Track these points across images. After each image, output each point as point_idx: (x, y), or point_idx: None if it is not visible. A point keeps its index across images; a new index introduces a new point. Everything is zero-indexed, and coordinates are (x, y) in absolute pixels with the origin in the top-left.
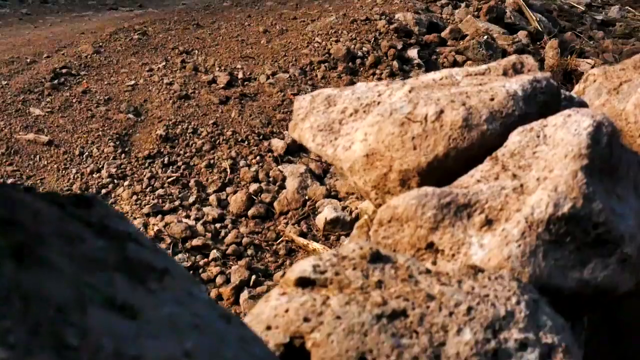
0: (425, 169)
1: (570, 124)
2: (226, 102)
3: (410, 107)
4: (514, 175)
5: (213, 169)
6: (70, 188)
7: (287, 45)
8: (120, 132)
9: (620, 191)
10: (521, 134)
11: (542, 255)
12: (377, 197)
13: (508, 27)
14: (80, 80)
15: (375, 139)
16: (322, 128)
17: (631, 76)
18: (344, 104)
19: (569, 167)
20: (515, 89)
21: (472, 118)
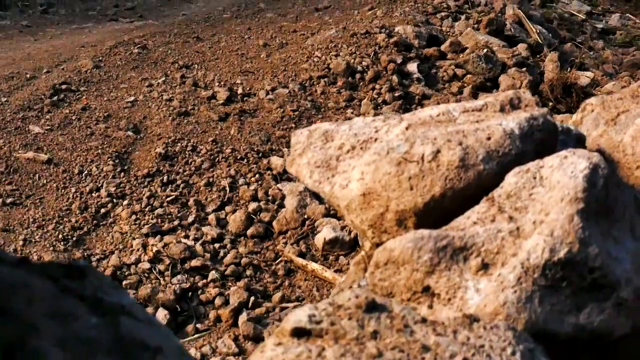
0: (422, 210)
1: (566, 166)
2: (225, 118)
3: (407, 146)
4: (510, 217)
5: (212, 188)
6: (69, 207)
7: (286, 59)
8: (120, 150)
9: (617, 233)
10: (517, 175)
11: (538, 301)
12: (373, 236)
13: (508, 40)
14: (80, 96)
15: (372, 179)
16: (319, 164)
17: (629, 106)
18: (341, 140)
19: (565, 211)
20: (512, 127)
21: (468, 158)
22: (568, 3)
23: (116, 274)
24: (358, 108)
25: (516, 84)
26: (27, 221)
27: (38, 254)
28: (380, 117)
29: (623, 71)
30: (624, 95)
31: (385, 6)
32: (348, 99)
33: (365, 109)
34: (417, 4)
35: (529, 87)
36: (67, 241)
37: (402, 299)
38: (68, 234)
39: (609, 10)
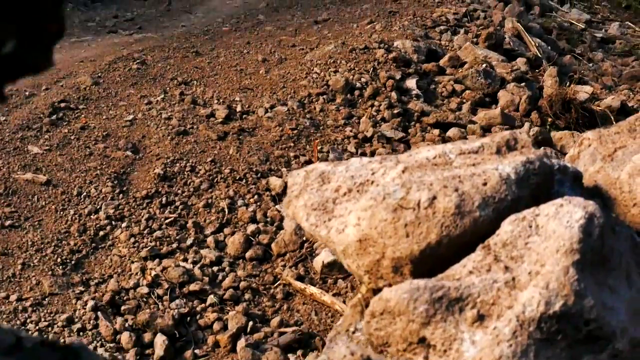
0: (418, 257)
1: (562, 215)
2: (224, 137)
3: (403, 192)
4: (506, 267)
5: (211, 209)
6: (68, 230)
7: (285, 75)
8: (118, 171)
9: (612, 282)
10: (513, 222)
11: (534, 355)
12: (370, 282)
13: (507, 54)
14: (79, 115)
15: (368, 225)
16: (316, 207)
17: (625, 142)
18: (338, 182)
19: (561, 263)
20: (509, 172)
21: (464, 205)
22: (568, 11)
23: (114, 299)
24: (357, 126)
25: (515, 99)
26: (25, 244)
27: (37, 279)
28: (377, 158)
29: (622, 84)
30: (620, 129)
31: (385, 19)
32: (347, 117)
33: (364, 127)
34: (416, 18)
35: (528, 103)
36: (66, 265)
37: (397, 350)
38: (67, 257)
39: (609, 18)
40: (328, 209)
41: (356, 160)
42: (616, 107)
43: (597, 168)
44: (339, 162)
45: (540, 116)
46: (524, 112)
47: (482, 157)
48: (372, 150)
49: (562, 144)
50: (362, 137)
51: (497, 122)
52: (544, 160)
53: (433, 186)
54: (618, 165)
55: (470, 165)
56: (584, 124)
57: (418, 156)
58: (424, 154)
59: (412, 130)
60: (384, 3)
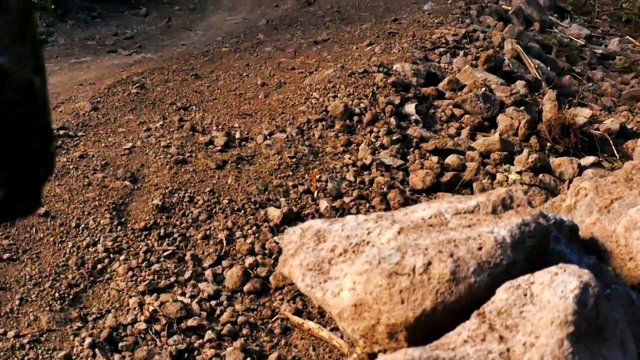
0: (413, 324)
1: (557, 284)
2: (223, 166)
3: (399, 257)
4: (501, 337)
5: (209, 241)
6: (66, 263)
7: (284, 100)
8: (117, 202)
9: (606, 352)
10: (508, 290)
11: None
12: (365, 346)
13: (506, 76)
14: (78, 142)
15: (363, 290)
16: (312, 267)
17: (622, 193)
18: (334, 242)
19: (555, 335)
20: (504, 236)
21: (459, 271)
22: (567, 27)
23: (112, 335)
24: (356, 153)
25: (514, 123)
26: (23, 278)
27: (34, 314)
28: (373, 217)
29: (621, 104)
30: (617, 178)
31: (384, 41)
32: (346, 144)
33: (362, 155)
34: (415, 39)
35: (527, 127)
36: (64, 299)
37: None
38: (65, 291)
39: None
40: (324, 270)
41: (352, 218)
42: (615, 130)
43: (593, 220)
44: (335, 220)
45: (539, 141)
46: (522, 137)
47: (478, 218)
48: (371, 179)
49: (561, 170)
50: (360, 164)
51: (496, 148)
52: (539, 221)
53: (428, 251)
54: (614, 217)
55: (466, 226)
56: (583, 149)
57: (414, 216)
58: (420, 214)
59: (410, 157)
60: (383, 23)
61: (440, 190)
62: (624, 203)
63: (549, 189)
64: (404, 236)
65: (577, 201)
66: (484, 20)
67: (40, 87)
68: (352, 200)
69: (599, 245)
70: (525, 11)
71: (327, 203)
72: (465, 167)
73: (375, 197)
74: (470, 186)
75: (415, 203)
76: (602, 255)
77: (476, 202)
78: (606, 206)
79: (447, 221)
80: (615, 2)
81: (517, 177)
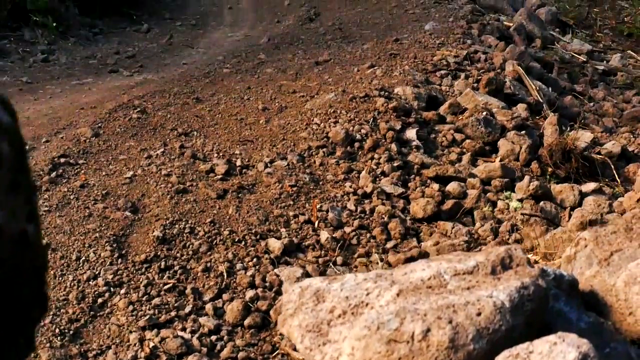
0: None
1: (555, 354)
2: (224, 196)
3: (397, 322)
4: None
5: (210, 273)
6: (66, 297)
7: (285, 126)
8: (117, 233)
9: None
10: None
11: None
12: None
13: (508, 98)
14: (79, 171)
15: (362, 356)
16: (311, 329)
17: (622, 244)
18: (333, 302)
19: None
20: (503, 300)
21: (458, 338)
22: (569, 42)
23: None
24: (357, 180)
25: (515, 148)
26: None
27: (35, 352)
28: (372, 276)
29: (623, 125)
30: (617, 227)
31: (385, 62)
32: (347, 171)
33: (363, 182)
34: (416, 61)
35: (528, 152)
36: (64, 335)
37: None
38: (65, 327)
39: (610, 47)
40: (323, 332)
41: (351, 277)
42: (617, 153)
43: (593, 272)
44: (334, 279)
45: (540, 166)
46: (524, 162)
47: (477, 280)
48: (372, 208)
49: (562, 197)
50: (361, 192)
51: (497, 175)
52: (538, 282)
53: (427, 317)
54: (614, 270)
55: (465, 289)
56: (584, 174)
57: (413, 276)
58: (419, 274)
59: (411, 184)
60: (384, 43)
61: (441, 219)
62: (624, 256)
63: (550, 218)
64: (402, 299)
65: (577, 252)
66: (485, 39)
67: (34, 234)
68: (352, 231)
69: (598, 299)
70: (527, 27)
71: (327, 234)
72: (466, 194)
73: (376, 227)
74: (472, 214)
75: (416, 233)
76: (602, 310)
77: (475, 262)
78: (606, 259)
79: (446, 283)
80: (617, 16)
81: (519, 205)
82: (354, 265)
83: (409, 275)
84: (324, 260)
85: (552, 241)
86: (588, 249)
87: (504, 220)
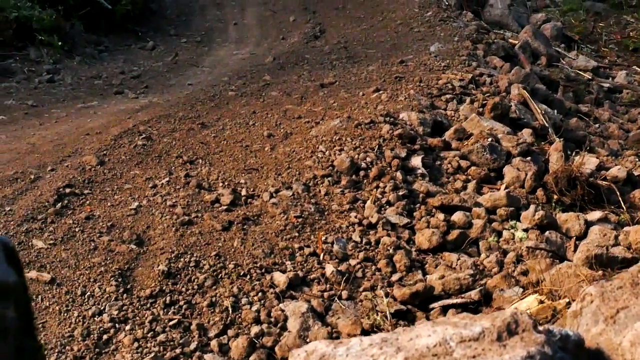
0: None
1: None
2: (229, 227)
3: None
4: None
5: (215, 308)
6: (71, 334)
7: (291, 154)
8: (122, 267)
9: None
10: None
11: None
12: None
13: (513, 123)
14: (84, 201)
15: None
16: None
17: (628, 301)
18: None
19: None
20: None
21: None
22: (574, 59)
23: None
24: (362, 210)
25: (520, 175)
26: None
27: None
28: (378, 341)
29: (628, 147)
30: (623, 282)
31: (391, 86)
32: (352, 201)
33: (368, 213)
34: (421, 85)
35: (534, 180)
36: None
37: None
38: None
39: (616, 62)
40: None
41: (356, 342)
42: (622, 178)
43: (599, 330)
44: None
45: (545, 193)
46: (529, 189)
47: (483, 347)
48: (377, 239)
49: (568, 226)
50: (367, 223)
51: (502, 204)
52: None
53: None
54: (620, 329)
55: (471, 357)
56: (590, 201)
57: (419, 342)
58: (425, 341)
59: (417, 213)
60: (390, 64)
61: (447, 249)
62: (630, 314)
63: (556, 248)
64: None
65: (583, 307)
66: (490, 60)
67: None
68: (358, 263)
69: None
70: (532, 45)
71: (333, 267)
72: (471, 224)
73: (381, 259)
74: (477, 244)
75: (421, 264)
76: None
77: (481, 329)
78: (612, 316)
79: (452, 350)
80: (622, 31)
81: (524, 235)
82: (359, 299)
83: (414, 342)
84: (329, 295)
85: (558, 276)
86: (594, 305)
87: (509, 251)
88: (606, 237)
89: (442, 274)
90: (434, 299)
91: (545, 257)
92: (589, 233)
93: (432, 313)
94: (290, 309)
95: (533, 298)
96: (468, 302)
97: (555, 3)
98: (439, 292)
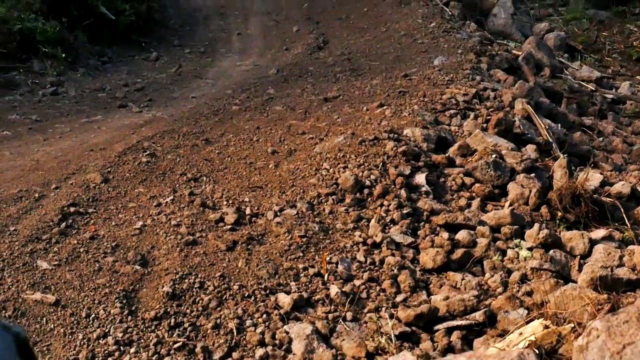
0: None
1: None
2: (233, 247)
3: None
4: None
5: (219, 330)
6: (76, 357)
7: (295, 171)
8: (127, 288)
9: None
10: None
11: None
12: None
13: (517, 138)
14: (89, 221)
15: None
16: None
17: (634, 337)
18: None
19: None
20: None
21: None
22: (578, 69)
23: None
24: (366, 229)
25: (525, 192)
26: None
27: None
28: None
29: (632, 161)
30: (630, 316)
31: (395, 101)
32: (356, 219)
33: (373, 232)
34: (425, 100)
35: (538, 197)
36: None
37: None
38: None
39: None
40: None
41: None
42: (626, 194)
43: None
44: None
45: (549, 210)
46: (533, 206)
47: None
48: (382, 259)
49: (572, 245)
50: (371, 242)
51: (507, 222)
52: None
53: None
54: None
55: None
56: (594, 218)
57: None
58: None
59: (421, 232)
60: (394, 78)
61: (451, 269)
62: (637, 350)
63: (560, 268)
64: None
65: (589, 342)
66: (494, 74)
67: None
68: (362, 284)
69: None
70: (536, 56)
71: (337, 288)
72: (476, 242)
73: (385, 279)
74: (481, 263)
75: (425, 284)
76: None
77: None
78: (618, 352)
79: None
80: (625, 40)
81: (528, 254)
82: (364, 320)
83: None
84: (334, 316)
85: (563, 298)
86: (600, 340)
87: (513, 270)
88: (610, 256)
89: (447, 294)
90: (439, 321)
91: (549, 277)
92: (593, 252)
93: (437, 335)
94: (295, 331)
95: (538, 323)
96: (473, 323)
97: (558, 12)
98: (444, 313)
